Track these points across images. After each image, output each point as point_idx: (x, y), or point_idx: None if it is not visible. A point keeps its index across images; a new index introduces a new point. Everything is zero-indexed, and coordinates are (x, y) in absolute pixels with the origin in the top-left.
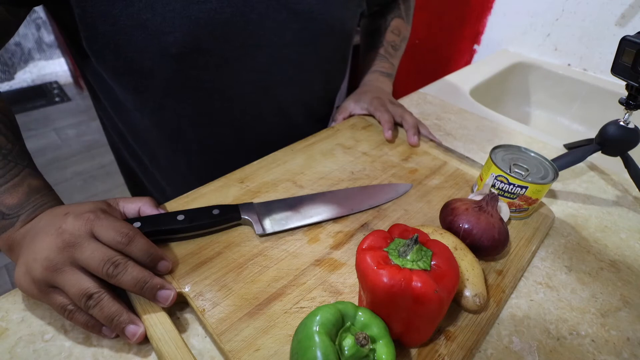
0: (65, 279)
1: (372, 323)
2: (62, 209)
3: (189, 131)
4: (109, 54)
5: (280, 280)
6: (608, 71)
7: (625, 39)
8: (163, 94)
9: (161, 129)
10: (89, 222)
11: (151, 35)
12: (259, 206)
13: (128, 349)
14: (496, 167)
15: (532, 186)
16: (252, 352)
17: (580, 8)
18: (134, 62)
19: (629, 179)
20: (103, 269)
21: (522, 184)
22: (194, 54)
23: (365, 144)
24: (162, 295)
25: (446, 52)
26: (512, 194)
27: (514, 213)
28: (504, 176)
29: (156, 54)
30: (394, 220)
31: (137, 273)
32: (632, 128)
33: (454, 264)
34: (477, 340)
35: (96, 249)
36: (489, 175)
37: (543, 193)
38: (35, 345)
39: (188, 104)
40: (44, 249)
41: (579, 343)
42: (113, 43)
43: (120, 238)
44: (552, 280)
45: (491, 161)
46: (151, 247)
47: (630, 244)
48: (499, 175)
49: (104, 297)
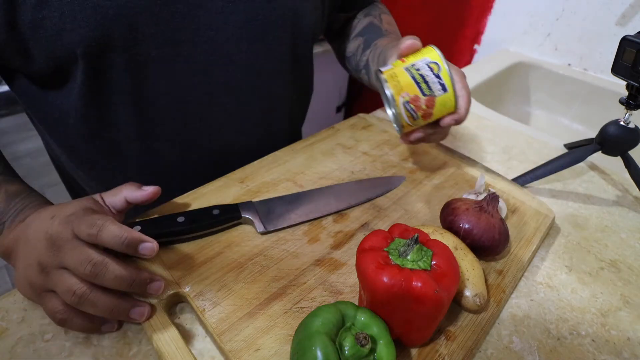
0: (55, 280)
1: (372, 323)
2: (49, 212)
3: (123, 146)
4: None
5: (281, 280)
6: (608, 71)
7: (625, 38)
8: (83, 102)
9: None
10: (71, 223)
11: (52, 36)
12: (258, 204)
13: (128, 349)
14: (437, 54)
15: (450, 94)
16: (253, 352)
17: (580, 8)
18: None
19: (629, 178)
20: (85, 270)
21: (447, 85)
22: (107, 53)
23: (365, 144)
24: (153, 287)
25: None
26: (429, 89)
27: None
28: (439, 65)
29: (63, 56)
30: (394, 220)
31: (121, 270)
32: (633, 128)
33: (454, 264)
34: (477, 340)
35: (75, 249)
36: (421, 58)
37: (440, 113)
38: (35, 345)
39: (115, 113)
40: (36, 254)
41: (579, 343)
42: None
43: (89, 230)
44: (553, 280)
45: (432, 48)
46: (124, 231)
47: (630, 244)
48: (433, 61)
49: (92, 292)
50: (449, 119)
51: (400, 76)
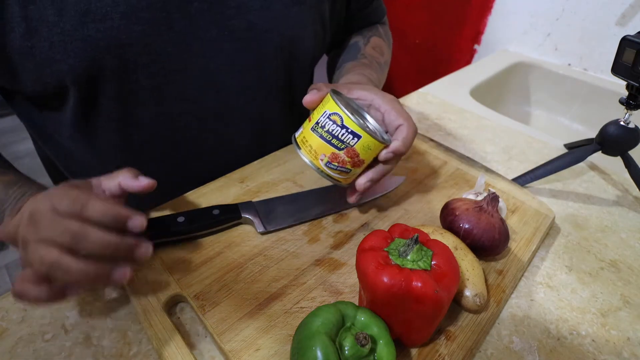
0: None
1: (372, 323)
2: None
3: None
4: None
5: (281, 280)
6: (608, 71)
7: (625, 38)
8: (73, 125)
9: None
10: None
11: (41, 64)
12: (258, 204)
13: (128, 349)
14: (334, 103)
15: (366, 138)
16: (253, 352)
17: (580, 8)
18: (35, 91)
19: (629, 178)
20: (64, 239)
21: (357, 131)
22: (97, 83)
23: None
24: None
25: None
26: (341, 142)
27: (332, 171)
28: (340, 115)
29: (52, 83)
30: (394, 220)
31: (102, 235)
32: (633, 128)
33: (454, 264)
34: (477, 340)
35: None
36: (322, 113)
37: (372, 155)
38: (35, 345)
39: (103, 137)
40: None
41: (579, 343)
42: (11, 73)
43: (73, 205)
44: (553, 280)
45: (330, 97)
46: (110, 207)
47: (630, 244)
48: (333, 113)
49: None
50: (385, 153)
51: (310, 139)
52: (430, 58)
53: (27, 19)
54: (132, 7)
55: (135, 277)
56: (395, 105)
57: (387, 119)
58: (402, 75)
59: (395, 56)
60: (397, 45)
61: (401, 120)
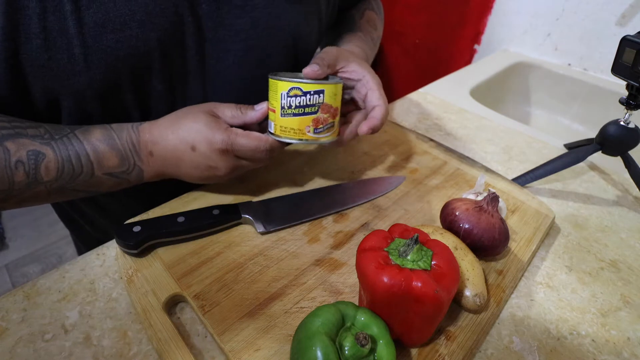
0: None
1: (372, 323)
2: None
3: None
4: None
5: (281, 280)
6: (608, 71)
7: (625, 38)
8: None
9: None
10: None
11: (59, 77)
12: (258, 204)
13: (128, 349)
14: (285, 82)
15: (327, 88)
16: (252, 352)
17: (580, 8)
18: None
19: (629, 178)
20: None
21: (318, 88)
22: (114, 94)
23: (365, 144)
24: None
25: (446, 52)
26: (313, 106)
27: (322, 133)
28: (298, 87)
29: (69, 97)
30: (394, 220)
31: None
32: (633, 128)
33: (454, 264)
34: (477, 340)
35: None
36: (280, 96)
37: (340, 98)
38: (35, 345)
39: None
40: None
41: (579, 343)
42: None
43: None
44: (553, 280)
45: (274, 80)
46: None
47: (630, 244)
48: (291, 88)
49: None
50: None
51: (287, 124)
52: (430, 58)
53: (47, 30)
54: (149, 14)
55: (136, 277)
56: (380, 87)
57: (369, 97)
58: (402, 75)
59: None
60: (397, 45)
61: (380, 102)
